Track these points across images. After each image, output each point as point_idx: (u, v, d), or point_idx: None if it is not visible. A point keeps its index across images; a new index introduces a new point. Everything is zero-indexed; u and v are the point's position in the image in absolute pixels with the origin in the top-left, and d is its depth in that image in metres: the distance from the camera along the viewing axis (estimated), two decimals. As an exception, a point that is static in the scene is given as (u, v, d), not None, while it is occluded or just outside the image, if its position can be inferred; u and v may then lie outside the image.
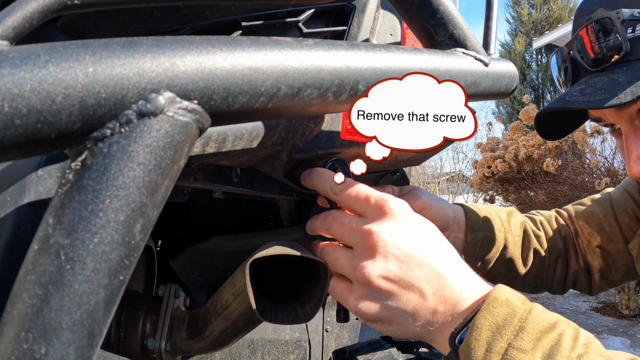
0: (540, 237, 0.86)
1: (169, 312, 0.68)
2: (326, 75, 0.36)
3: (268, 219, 1.16)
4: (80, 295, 0.27)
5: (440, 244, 0.48)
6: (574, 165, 4.85)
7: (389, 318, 0.46)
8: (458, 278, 0.46)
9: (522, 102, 10.99)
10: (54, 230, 0.27)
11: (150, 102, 0.29)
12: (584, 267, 0.87)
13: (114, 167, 0.28)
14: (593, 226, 0.86)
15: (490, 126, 7.79)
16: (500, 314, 0.42)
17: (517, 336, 0.41)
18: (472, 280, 0.47)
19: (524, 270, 0.82)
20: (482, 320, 0.42)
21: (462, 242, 0.77)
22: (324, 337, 1.14)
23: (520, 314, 0.42)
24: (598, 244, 0.84)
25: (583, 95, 0.63)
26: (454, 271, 0.46)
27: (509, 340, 0.41)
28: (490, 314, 0.42)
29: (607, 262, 0.84)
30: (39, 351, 0.27)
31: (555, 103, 0.67)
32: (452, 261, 0.47)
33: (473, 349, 0.41)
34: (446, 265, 0.46)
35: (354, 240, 0.47)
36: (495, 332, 0.41)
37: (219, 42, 0.32)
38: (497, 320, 0.42)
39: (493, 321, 0.42)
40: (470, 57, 0.48)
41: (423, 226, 0.48)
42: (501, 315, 0.42)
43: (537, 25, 12.84)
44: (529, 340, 0.41)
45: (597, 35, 0.65)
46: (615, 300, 4.37)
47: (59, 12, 0.31)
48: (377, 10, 0.64)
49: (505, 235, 0.80)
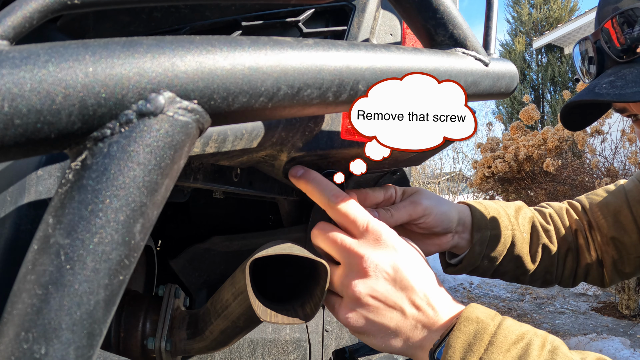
0: (550, 232, 0.85)
1: (169, 312, 0.68)
2: (326, 75, 0.36)
3: (268, 219, 1.16)
4: (80, 295, 0.27)
5: (422, 270, 0.53)
6: (574, 165, 4.85)
7: (373, 332, 0.51)
8: (436, 300, 0.51)
9: (522, 102, 10.99)
10: (54, 230, 0.27)
11: (150, 102, 0.29)
12: (596, 259, 0.86)
13: (114, 167, 0.28)
14: (608, 217, 0.85)
15: (490, 126, 7.79)
16: (470, 332, 0.47)
17: (487, 350, 0.46)
18: (448, 302, 0.52)
19: (533, 266, 0.81)
20: (454, 340, 0.47)
21: (467, 242, 0.76)
22: (324, 337, 1.14)
23: (490, 330, 0.47)
24: (612, 235, 0.83)
25: (614, 88, 0.63)
26: (433, 294, 0.51)
27: (479, 354, 0.46)
28: (461, 332, 0.47)
29: (621, 254, 0.83)
30: (39, 351, 0.27)
31: (585, 95, 0.66)
32: (432, 286, 0.52)
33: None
34: (427, 290, 0.51)
35: (346, 260, 0.52)
36: (467, 348, 0.46)
37: (219, 42, 0.32)
38: (468, 338, 0.47)
39: (464, 339, 0.47)
40: (470, 57, 0.48)
41: (409, 255, 0.53)
42: (471, 333, 0.47)
43: (537, 25, 12.84)
44: (498, 352, 0.45)
45: (625, 25, 0.65)
46: (615, 300, 4.37)
47: (59, 12, 0.31)
48: (377, 10, 0.64)
49: (513, 232, 0.79)
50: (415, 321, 0.50)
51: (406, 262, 0.51)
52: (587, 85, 0.70)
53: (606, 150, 4.72)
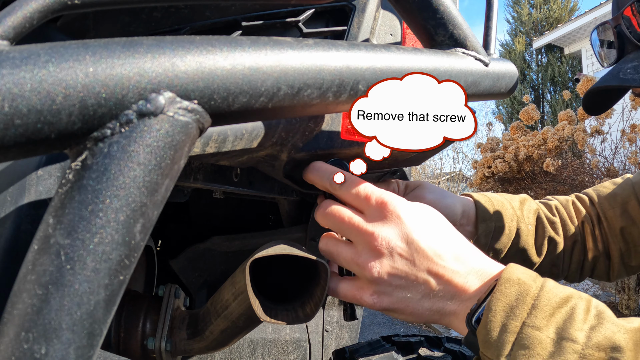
0: (556, 224, 0.85)
1: (169, 312, 0.68)
2: (326, 75, 0.36)
3: (268, 219, 1.16)
4: (81, 295, 0.27)
5: (443, 233, 0.50)
6: (574, 165, 4.85)
7: (402, 308, 0.49)
8: (465, 263, 0.48)
9: (522, 102, 10.99)
10: (54, 230, 0.27)
11: (150, 102, 0.29)
12: (603, 251, 0.86)
13: (114, 167, 0.28)
14: (616, 208, 0.85)
15: (490, 126, 7.78)
16: (512, 294, 0.44)
17: (531, 314, 0.42)
18: (481, 263, 0.49)
19: (539, 259, 0.81)
20: (495, 302, 0.43)
21: (471, 235, 0.76)
22: (324, 337, 1.14)
23: (532, 292, 0.44)
24: (621, 225, 0.83)
25: (639, 73, 0.64)
26: (459, 257, 0.48)
27: (523, 319, 0.42)
28: (502, 295, 0.44)
29: (628, 247, 0.83)
30: (39, 351, 0.27)
31: (611, 80, 0.66)
32: (457, 248, 0.49)
33: (489, 330, 0.43)
34: (451, 254, 0.48)
35: (356, 239, 0.49)
36: (509, 312, 0.43)
37: (219, 42, 0.32)
38: (510, 301, 0.43)
39: (506, 302, 0.43)
40: (470, 57, 0.48)
41: (424, 220, 0.49)
42: (513, 296, 0.43)
43: (537, 25, 12.84)
44: (543, 317, 0.42)
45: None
46: (616, 300, 4.38)
47: (59, 12, 0.31)
48: (377, 10, 0.64)
49: (518, 224, 0.79)
50: (444, 290, 0.47)
51: (420, 231, 0.48)
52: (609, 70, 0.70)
53: (606, 150, 4.72)
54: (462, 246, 0.50)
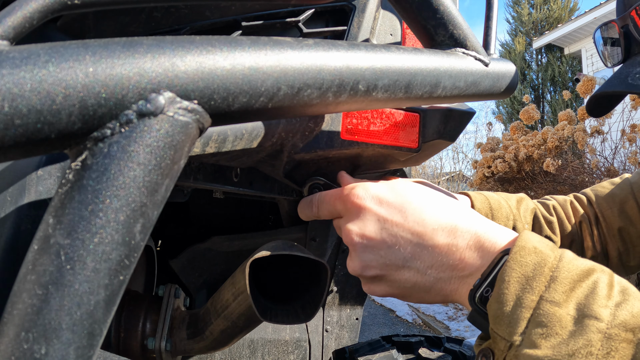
0: (553, 224, 0.84)
1: (169, 312, 0.68)
2: (326, 75, 0.36)
3: (268, 219, 1.16)
4: (81, 295, 0.27)
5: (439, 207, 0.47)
6: (574, 165, 4.84)
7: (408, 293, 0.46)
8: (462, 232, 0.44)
9: (522, 102, 11.00)
10: (54, 230, 0.27)
11: (150, 102, 0.29)
12: (601, 251, 0.85)
13: (114, 167, 0.28)
14: (614, 208, 0.85)
15: (490, 126, 7.77)
16: (529, 263, 0.39)
17: (549, 287, 0.37)
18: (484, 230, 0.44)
19: None
20: (509, 272, 0.39)
21: None
22: (324, 337, 1.14)
23: (550, 263, 0.39)
24: (619, 225, 0.83)
25: None
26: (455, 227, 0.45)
27: (540, 292, 0.37)
28: (518, 264, 0.39)
29: (627, 246, 0.83)
30: (39, 351, 0.27)
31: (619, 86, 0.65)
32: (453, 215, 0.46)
33: (502, 304, 0.38)
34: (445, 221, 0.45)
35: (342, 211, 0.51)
36: (525, 284, 0.38)
37: (219, 42, 0.32)
38: (526, 271, 0.38)
39: (522, 272, 0.38)
40: (470, 57, 0.48)
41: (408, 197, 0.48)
42: (530, 265, 0.38)
43: (537, 25, 12.84)
44: (562, 291, 0.37)
45: None
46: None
47: (59, 12, 0.31)
48: (377, 10, 0.64)
49: (514, 222, 0.79)
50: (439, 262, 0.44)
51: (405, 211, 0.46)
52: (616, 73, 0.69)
53: (606, 150, 4.72)
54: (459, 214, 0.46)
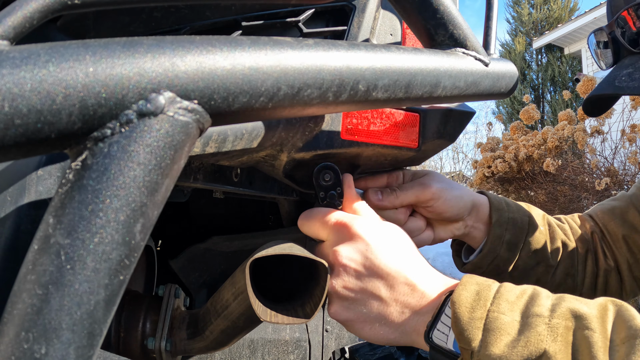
0: (566, 230, 0.84)
1: (169, 312, 0.68)
2: (326, 75, 0.36)
3: (268, 219, 1.16)
4: (81, 295, 0.27)
5: (402, 254, 0.52)
6: (574, 165, 4.84)
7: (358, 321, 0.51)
8: (421, 281, 0.50)
9: (522, 102, 10.99)
10: (54, 230, 0.27)
11: (150, 102, 0.29)
12: (614, 266, 0.85)
13: (114, 167, 0.28)
14: (616, 219, 0.85)
15: (490, 126, 7.77)
16: (473, 289, 0.46)
17: (494, 303, 0.45)
18: (436, 280, 0.51)
19: (554, 263, 0.80)
20: (458, 297, 0.46)
21: (481, 233, 0.75)
22: (324, 337, 1.14)
23: (493, 287, 0.47)
24: (623, 233, 0.83)
25: (633, 81, 0.65)
26: (416, 276, 0.50)
27: (487, 307, 0.45)
28: (465, 290, 0.46)
29: (635, 257, 0.83)
30: (39, 351, 0.27)
31: (606, 89, 0.68)
32: (414, 267, 0.51)
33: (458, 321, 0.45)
34: (408, 272, 0.51)
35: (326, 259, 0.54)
36: (473, 304, 0.45)
37: (219, 42, 0.32)
38: (472, 295, 0.46)
39: (468, 295, 0.46)
40: (471, 57, 0.48)
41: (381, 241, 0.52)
42: (474, 290, 0.46)
43: (537, 25, 12.84)
44: (506, 304, 0.45)
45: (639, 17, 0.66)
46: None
47: (59, 12, 0.31)
48: (377, 10, 0.64)
49: (530, 219, 0.78)
50: (400, 307, 0.50)
51: (378, 250, 0.51)
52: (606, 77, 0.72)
53: (606, 150, 4.72)
54: (420, 265, 0.52)
